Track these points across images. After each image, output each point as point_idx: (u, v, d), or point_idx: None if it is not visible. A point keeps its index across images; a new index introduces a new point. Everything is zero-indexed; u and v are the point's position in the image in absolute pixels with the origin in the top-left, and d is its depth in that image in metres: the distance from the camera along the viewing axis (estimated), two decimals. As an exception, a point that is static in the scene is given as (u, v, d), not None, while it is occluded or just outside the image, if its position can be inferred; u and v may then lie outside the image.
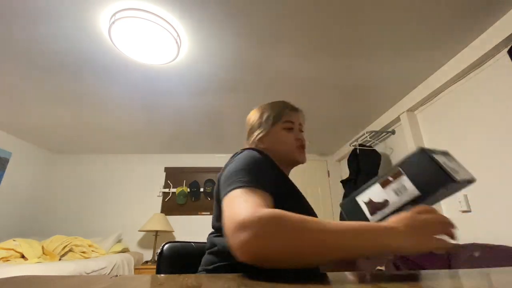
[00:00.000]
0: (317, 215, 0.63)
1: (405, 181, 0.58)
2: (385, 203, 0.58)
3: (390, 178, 0.59)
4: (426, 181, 0.57)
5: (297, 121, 0.78)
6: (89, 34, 1.40)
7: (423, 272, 0.42)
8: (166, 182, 3.30)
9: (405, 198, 0.57)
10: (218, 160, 3.39)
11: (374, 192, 0.59)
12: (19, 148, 2.90)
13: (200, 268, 0.63)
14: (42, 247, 2.07)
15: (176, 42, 1.42)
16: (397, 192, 0.57)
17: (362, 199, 0.59)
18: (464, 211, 1.60)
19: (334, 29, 1.38)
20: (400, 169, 0.59)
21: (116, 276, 0.39)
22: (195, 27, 1.37)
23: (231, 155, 0.68)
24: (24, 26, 1.35)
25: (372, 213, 0.58)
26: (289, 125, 0.76)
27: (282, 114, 0.78)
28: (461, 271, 0.46)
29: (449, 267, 1.38)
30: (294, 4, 1.23)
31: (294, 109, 0.81)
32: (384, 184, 0.59)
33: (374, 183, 0.60)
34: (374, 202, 0.59)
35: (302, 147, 0.75)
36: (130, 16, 1.26)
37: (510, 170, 1.36)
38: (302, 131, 0.79)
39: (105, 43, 1.46)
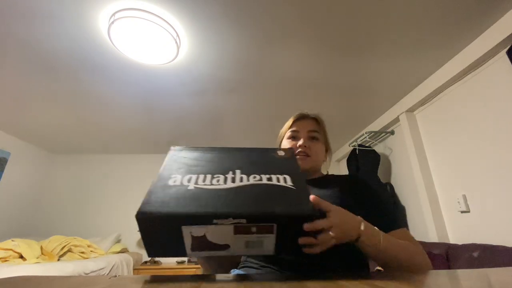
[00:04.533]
0: None
1: (269, 239, 0.42)
2: (223, 247, 0.42)
3: (253, 229, 0.41)
4: (288, 248, 0.44)
5: (303, 128, 0.77)
6: (89, 34, 1.40)
7: (421, 272, 0.43)
8: (165, 182, 3.29)
9: (252, 252, 0.43)
10: (218, 160, 3.38)
11: (217, 231, 0.41)
12: (18, 148, 2.90)
13: None
14: (41, 247, 2.07)
15: (176, 42, 1.42)
16: (248, 245, 0.42)
17: (191, 230, 0.40)
18: (463, 212, 1.60)
19: (333, 30, 1.38)
20: (275, 227, 0.41)
21: (115, 276, 0.39)
22: (194, 27, 1.37)
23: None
24: (23, 26, 1.34)
25: (194, 250, 0.42)
26: (291, 134, 0.78)
27: (288, 125, 0.81)
28: (459, 271, 0.46)
29: (448, 267, 1.39)
30: (294, 5, 1.23)
31: (300, 117, 0.81)
32: (240, 231, 0.41)
33: (224, 221, 0.40)
34: (208, 241, 0.41)
35: (300, 153, 0.74)
36: (129, 16, 1.26)
37: (509, 171, 1.36)
38: (314, 137, 0.77)
39: (104, 43, 1.46)
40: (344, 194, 0.65)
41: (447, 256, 1.43)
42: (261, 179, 0.46)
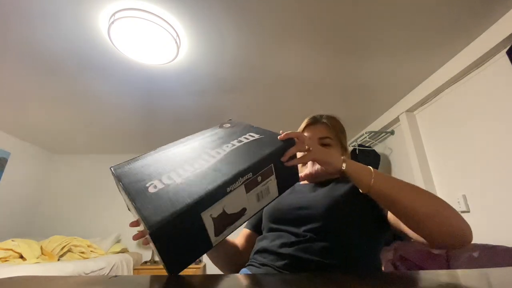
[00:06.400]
0: None
1: (271, 182, 0.45)
2: (241, 214, 0.41)
3: (259, 178, 0.42)
4: (286, 182, 0.48)
5: (314, 135, 0.74)
6: (88, 34, 1.40)
7: (421, 272, 0.43)
8: (165, 182, 3.29)
9: (263, 204, 0.45)
10: (218, 160, 3.39)
11: (232, 199, 0.39)
12: (18, 148, 2.90)
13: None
14: (41, 248, 2.07)
15: (176, 42, 1.42)
16: (259, 197, 0.44)
17: (211, 213, 0.37)
18: (463, 212, 1.60)
19: (333, 30, 1.38)
20: (273, 167, 0.44)
21: (115, 276, 0.39)
22: (194, 27, 1.37)
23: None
24: (23, 26, 1.34)
25: (218, 233, 0.39)
26: None
27: (301, 131, 0.78)
28: (459, 271, 0.46)
29: (448, 267, 1.39)
30: (295, 4, 1.23)
31: (311, 123, 0.78)
32: (250, 187, 0.41)
33: (236, 184, 0.39)
34: (228, 215, 0.39)
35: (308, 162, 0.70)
36: (129, 16, 1.26)
37: (509, 171, 1.36)
38: (326, 144, 0.73)
39: (104, 43, 1.46)
40: (354, 189, 0.64)
41: (447, 256, 1.43)
42: (234, 145, 0.48)
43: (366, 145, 2.51)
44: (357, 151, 2.46)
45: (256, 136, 0.50)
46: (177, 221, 0.33)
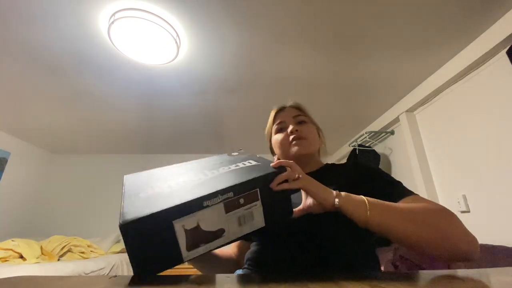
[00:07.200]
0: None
1: (257, 208, 0.44)
2: (218, 234, 0.41)
3: (241, 201, 0.42)
4: (275, 213, 0.47)
5: (287, 117, 0.76)
6: (89, 34, 1.40)
7: (422, 272, 0.43)
8: (165, 182, 3.29)
9: (246, 230, 0.44)
10: (218, 160, 3.39)
11: (209, 215, 0.39)
12: (18, 148, 2.89)
13: None
14: (41, 248, 2.07)
15: (176, 42, 1.42)
16: (240, 221, 0.43)
17: (183, 223, 0.37)
18: (463, 212, 1.60)
19: (334, 30, 1.38)
20: (258, 192, 0.44)
21: (115, 276, 0.39)
22: (194, 27, 1.37)
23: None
24: (24, 26, 1.34)
25: (190, 248, 0.39)
26: (278, 127, 0.77)
27: (272, 120, 0.80)
28: (459, 271, 0.46)
29: (448, 267, 1.39)
30: (295, 4, 1.23)
31: (281, 109, 0.81)
32: (231, 207, 0.41)
33: (214, 200, 0.40)
34: (203, 231, 0.39)
35: (295, 138, 0.70)
36: (129, 16, 1.26)
37: (509, 171, 1.36)
38: (302, 121, 0.75)
39: (104, 43, 1.46)
40: (349, 184, 0.60)
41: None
42: (229, 168, 0.50)
43: (366, 145, 2.51)
44: (357, 151, 2.46)
45: (253, 163, 0.52)
46: (147, 223, 0.35)
